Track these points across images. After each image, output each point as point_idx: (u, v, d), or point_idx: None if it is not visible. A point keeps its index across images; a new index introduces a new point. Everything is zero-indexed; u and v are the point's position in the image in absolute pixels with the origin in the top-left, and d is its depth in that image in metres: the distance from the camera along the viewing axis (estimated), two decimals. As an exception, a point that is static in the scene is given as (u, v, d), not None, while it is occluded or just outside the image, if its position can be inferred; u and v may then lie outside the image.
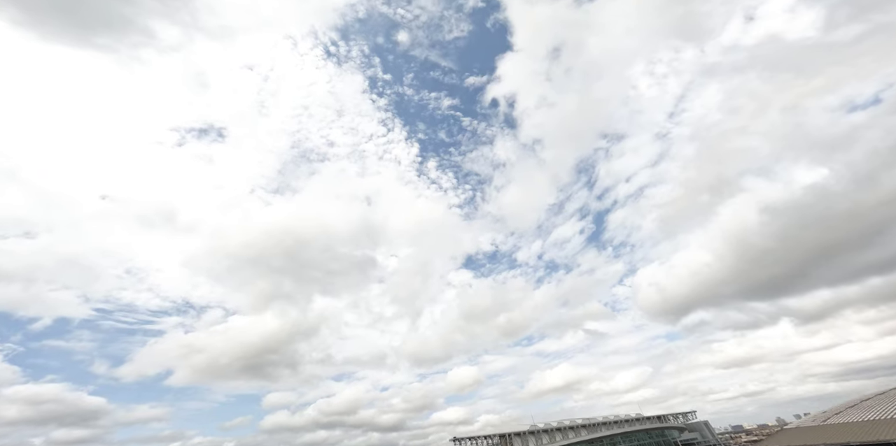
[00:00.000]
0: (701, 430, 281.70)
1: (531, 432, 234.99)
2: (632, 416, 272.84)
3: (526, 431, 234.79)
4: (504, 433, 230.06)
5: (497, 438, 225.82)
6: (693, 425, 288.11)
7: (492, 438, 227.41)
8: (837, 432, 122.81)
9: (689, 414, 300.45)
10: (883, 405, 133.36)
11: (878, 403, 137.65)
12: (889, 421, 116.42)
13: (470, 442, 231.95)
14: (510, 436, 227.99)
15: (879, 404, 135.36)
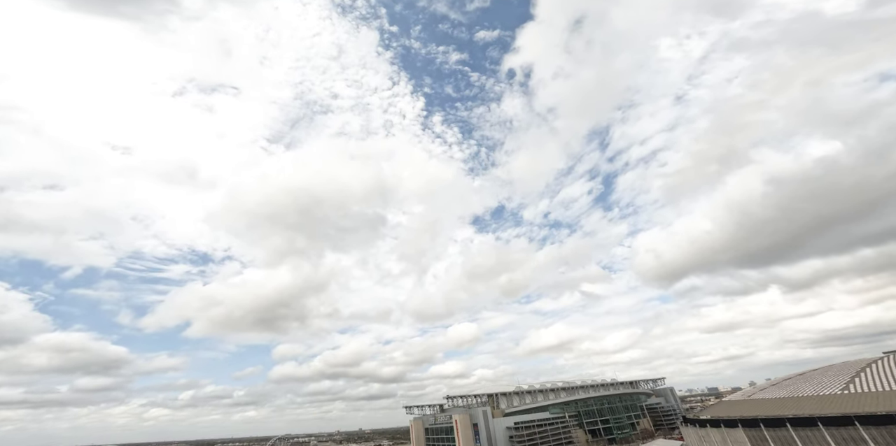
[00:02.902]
0: (666, 396, 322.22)
1: (516, 392, 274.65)
2: (607, 381, 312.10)
3: (511, 392, 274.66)
4: (492, 393, 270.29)
5: (485, 397, 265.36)
6: (660, 391, 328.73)
7: (481, 397, 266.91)
8: (753, 406, 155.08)
9: (659, 381, 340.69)
10: (800, 384, 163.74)
11: (796, 382, 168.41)
12: (795, 399, 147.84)
13: (461, 400, 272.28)
14: (497, 396, 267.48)
15: (798, 383, 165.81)
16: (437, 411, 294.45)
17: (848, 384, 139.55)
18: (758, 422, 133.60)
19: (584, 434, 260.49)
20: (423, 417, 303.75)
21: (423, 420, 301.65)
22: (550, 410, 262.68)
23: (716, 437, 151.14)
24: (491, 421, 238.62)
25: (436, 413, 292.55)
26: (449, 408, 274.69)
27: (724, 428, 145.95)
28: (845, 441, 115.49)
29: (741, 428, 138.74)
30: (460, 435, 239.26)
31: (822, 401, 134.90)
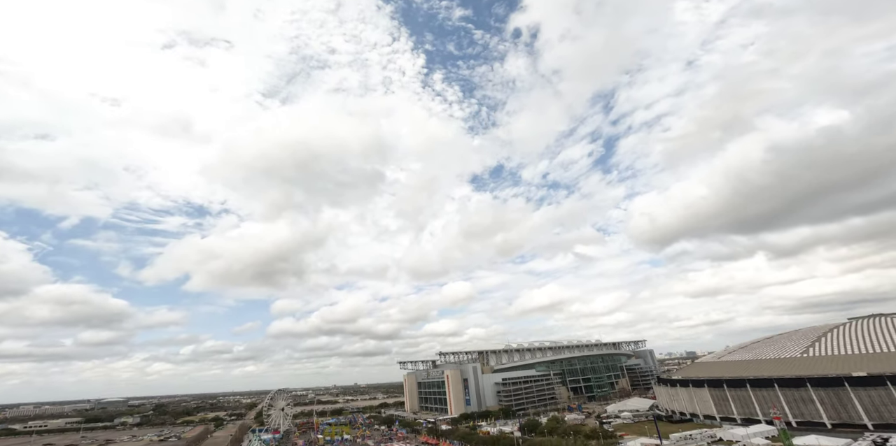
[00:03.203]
0: (645, 357, 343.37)
1: (505, 350, 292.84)
2: (592, 342, 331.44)
3: (501, 350, 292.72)
4: (482, 350, 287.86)
5: (476, 354, 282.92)
6: (640, 353, 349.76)
7: (471, 353, 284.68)
8: (721, 368, 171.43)
9: (640, 343, 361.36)
10: (765, 347, 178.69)
11: (763, 345, 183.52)
12: (757, 362, 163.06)
13: (453, 356, 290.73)
14: (487, 353, 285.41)
15: (764, 346, 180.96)
16: (429, 367, 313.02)
17: (808, 348, 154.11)
18: (721, 383, 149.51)
19: (566, 391, 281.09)
20: (416, 372, 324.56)
21: (416, 375, 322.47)
22: (536, 368, 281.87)
23: (684, 396, 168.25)
24: (480, 377, 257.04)
25: (428, 368, 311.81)
26: (441, 364, 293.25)
27: (692, 388, 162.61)
28: (796, 401, 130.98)
29: (707, 387, 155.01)
30: (451, 390, 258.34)
31: (781, 364, 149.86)
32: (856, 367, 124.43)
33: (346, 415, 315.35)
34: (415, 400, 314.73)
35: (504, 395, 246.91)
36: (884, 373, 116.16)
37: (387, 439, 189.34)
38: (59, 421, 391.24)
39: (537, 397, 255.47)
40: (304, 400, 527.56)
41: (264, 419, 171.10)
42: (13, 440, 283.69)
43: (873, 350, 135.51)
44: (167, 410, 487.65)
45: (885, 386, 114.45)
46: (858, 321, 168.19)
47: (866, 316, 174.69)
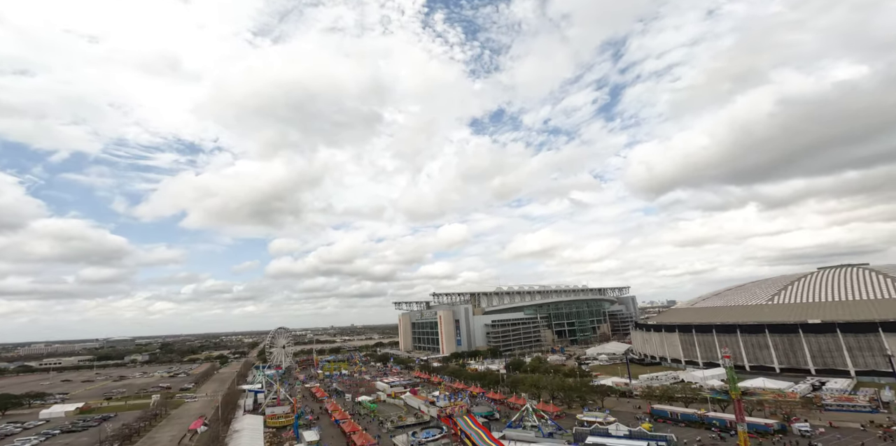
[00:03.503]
0: (627, 304, 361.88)
1: (496, 293, 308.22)
2: (578, 287, 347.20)
3: (492, 292, 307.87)
4: (474, 292, 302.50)
5: (468, 296, 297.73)
6: (623, 299, 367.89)
7: (464, 295, 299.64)
8: (693, 314, 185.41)
9: (624, 289, 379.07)
10: (737, 294, 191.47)
11: (735, 292, 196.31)
12: (726, 308, 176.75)
13: (446, 297, 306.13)
14: (478, 295, 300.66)
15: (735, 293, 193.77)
16: (423, 308, 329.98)
17: (774, 296, 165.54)
18: (690, 328, 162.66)
19: (551, 334, 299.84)
20: (410, 313, 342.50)
21: (410, 315, 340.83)
22: (525, 311, 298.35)
23: (656, 340, 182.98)
24: (471, 318, 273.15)
25: (422, 309, 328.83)
26: (435, 306, 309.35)
27: (664, 333, 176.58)
28: (754, 347, 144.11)
29: (677, 333, 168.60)
30: (443, 330, 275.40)
31: (746, 311, 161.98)
32: (813, 315, 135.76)
33: (343, 354, 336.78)
34: (408, 340, 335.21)
35: (493, 336, 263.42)
36: (836, 321, 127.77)
37: (382, 374, 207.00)
38: (72, 358, 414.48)
39: (524, 339, 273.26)
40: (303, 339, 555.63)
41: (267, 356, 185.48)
42: (32, 377, 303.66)
43: (834, 298, 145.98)
44: (173, 349, 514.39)
45: (834, 334, 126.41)
46: (827, 271, 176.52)
47: (836, 266, 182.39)
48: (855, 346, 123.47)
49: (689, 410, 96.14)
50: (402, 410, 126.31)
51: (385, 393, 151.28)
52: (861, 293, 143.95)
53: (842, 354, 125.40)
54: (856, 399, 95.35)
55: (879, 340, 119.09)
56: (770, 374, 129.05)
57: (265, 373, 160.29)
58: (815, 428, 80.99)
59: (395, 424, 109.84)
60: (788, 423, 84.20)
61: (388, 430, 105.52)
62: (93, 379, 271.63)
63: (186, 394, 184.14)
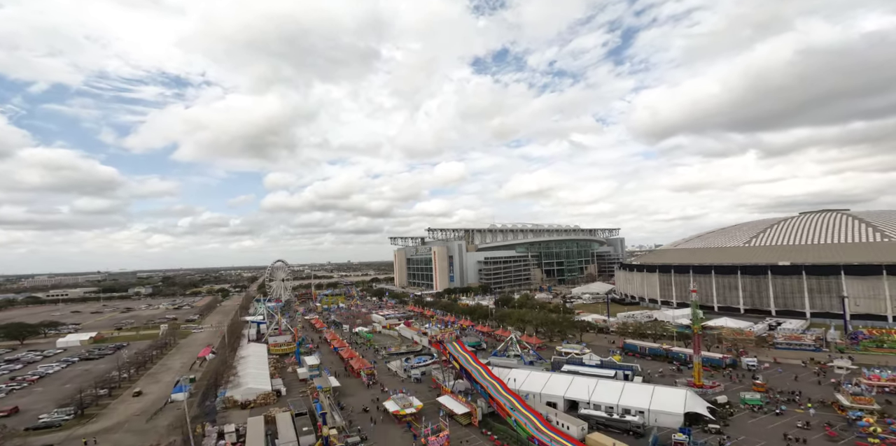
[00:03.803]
0: (615, 246, 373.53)
1: (489, 230, 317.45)
2: (570, 227, 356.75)
3: (486, 229, 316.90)
4: (469, 228, 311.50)
5: (463, 232, 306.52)
6: (612, 240, 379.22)
7: (458, 231, 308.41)
8: (675, 255, 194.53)
9: (614, 231, 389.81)
10: (718, 236, 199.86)
11: (716, 235, 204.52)
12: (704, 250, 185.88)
13: (441, 233, 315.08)
14: (472, 232, 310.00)
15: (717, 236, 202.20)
16: (418, 243, 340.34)
17: (752, 238, 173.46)
18: (669, 269, 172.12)
19: (540, 273, 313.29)
20: (405, 249, 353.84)
21: (405, 251, 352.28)
22: (517, 249, 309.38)
23: (636, 279, 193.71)
24: (465, 254, 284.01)
25: (417, 245, 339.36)
26: (429, 241, 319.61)
27: (646, 273, 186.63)
28: (725, 288, 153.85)
29: (658, 273, 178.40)
30: (437, 266, 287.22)
31: (723, 253, 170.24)
32: (784, 258, 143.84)
33: (340, 288, 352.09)
34: (403, 276, 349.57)
35: (485, 273, 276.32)
36: (803, 263, 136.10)
37: (377, 308, 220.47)
38: (77, 290, 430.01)
39: (514, 277, 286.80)
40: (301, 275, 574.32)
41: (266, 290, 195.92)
42: (41, 308, 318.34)
43: (808, 242, 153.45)
44: (175, 282, 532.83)
45: (799, 275, 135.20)
46: (808, 216, 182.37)
47: (817, 211, 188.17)
48: (816, 288, 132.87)
49: (655, 345, 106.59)
50: (397, 340, 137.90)
51: (380, 324, 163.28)
52: (835, 237, 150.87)
53: (802, 296, 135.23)
54: (803, 338, 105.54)
55: (839, 282, 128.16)
56: (735, 315, 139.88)
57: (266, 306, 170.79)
58: (761, 363, 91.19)
59: (389, 352, 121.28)
60: (739, 358, 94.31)
61: (383, 357, 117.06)
62: (101, 311, 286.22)
63: (192, 325, 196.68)
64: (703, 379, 78.80)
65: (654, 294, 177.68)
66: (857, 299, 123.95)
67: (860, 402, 65.60)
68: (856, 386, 70.90)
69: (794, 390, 76.23)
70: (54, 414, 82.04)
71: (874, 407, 64.61)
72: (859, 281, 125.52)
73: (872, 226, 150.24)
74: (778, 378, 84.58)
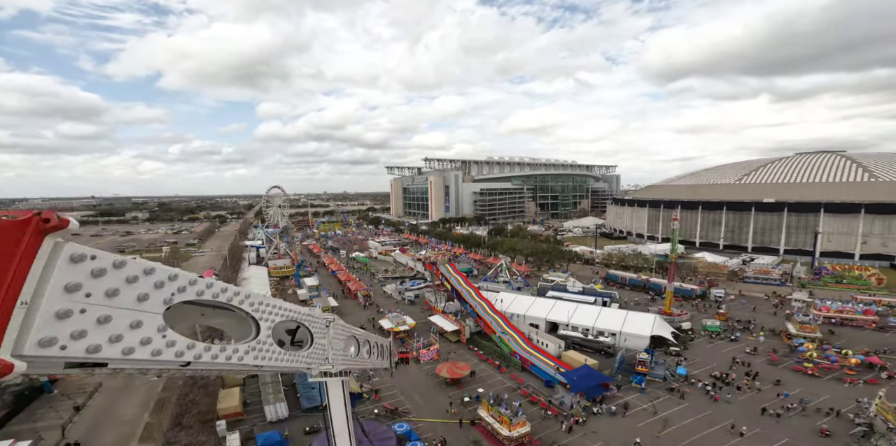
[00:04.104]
0: (611, 182, 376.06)
1: (486, 162, 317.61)
2: (567, 162, 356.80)
3: (483, 161, 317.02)
4: (465, 159, 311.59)
5: (459, 163, 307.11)
6: (608, 177, 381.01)
7: (455, 162, 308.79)
8: (667, 191, 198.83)
9: (610, 168, 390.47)
10: (711, 174, 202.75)
11: (710, 172, 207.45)
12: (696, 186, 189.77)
13: (438, 163, 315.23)
14: (469, 163, 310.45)
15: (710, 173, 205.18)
16: (415, 173, 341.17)
17: (743, 176, 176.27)
18: (659, 204, 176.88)
19: (534, 206, 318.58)
20: (402, 178, 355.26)
21: (401, 180, 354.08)
22: (513, 182, 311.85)
23: (626, 214, 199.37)
24: (461, 185, 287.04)
25: (414, 175, 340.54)
26: (426, 171, 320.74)
27: (636, 208, 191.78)
28: (709, 224, 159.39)
29: (647, 208, 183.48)
30: (433, 196, 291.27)
31: (714, 189, 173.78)
32: (769, 195, 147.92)
33: (337, 216, 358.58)
34: (399, 206, 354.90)
35: (480, 204, 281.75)
36: (786, 201, 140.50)
37: (374, 235, 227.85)
38: (74, 213, 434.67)
39: (509, 209, 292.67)
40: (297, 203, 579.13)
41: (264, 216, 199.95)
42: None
43: (796, 181, 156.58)
44: (171, 208, 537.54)
45: (780, 212, 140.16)
46: (804, 156, 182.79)
47: (813, 152, 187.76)
48: (794, 225, 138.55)
49: (635, 276, 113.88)
50: (392, 265, 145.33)
51: (376, 250, 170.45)
52: (824, 177, 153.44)
53: (779, 233, 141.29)
54: (771, 272, 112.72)
55: (817, 220, 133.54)
56: (714, 250, 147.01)
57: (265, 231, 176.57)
58: (727, 294, 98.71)
59: (385, 276, 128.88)
60: (708, 290, 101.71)
61: (379, 280, 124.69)
62: (100, 234, 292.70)
63: (193, 249, 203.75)
64: (672, 307, 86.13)
65: (642, 228, 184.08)
66: (831, 235, 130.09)
67: (805, 330, 72.94)
68: (805, 315, 77.91)
69: (750, 319, 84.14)
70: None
71: (817, 335, 72.03)
72: (836, 218, 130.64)
73: (863, 166, 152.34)
74: (740, 308, 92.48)
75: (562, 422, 50.84)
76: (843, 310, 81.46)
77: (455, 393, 59.23)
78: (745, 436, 47.10)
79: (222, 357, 6.87)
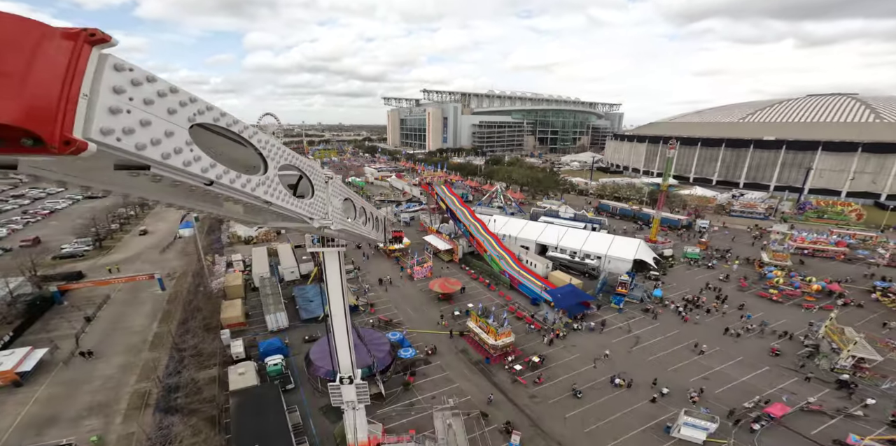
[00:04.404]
0: (613, 120, 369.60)
1: (487, 95, 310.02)
2: (571, 99, 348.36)
3: (483, 94, 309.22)
4: (466, 92, 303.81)
5: (459, 95, 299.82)
6: (611, 115, 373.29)
7: (455, 94, 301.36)
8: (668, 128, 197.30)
9: (614, 106, 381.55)
10: (717, 113, 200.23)
11: (717, 111, 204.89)
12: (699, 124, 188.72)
13: (437, 95, 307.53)
14: (469, 96, 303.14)
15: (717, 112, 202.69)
16: (413, 105, 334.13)
17: (748, 115, 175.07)
18: (658, 139, 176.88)
19: (533, 140, 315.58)
20: (399, 109, 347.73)
21: (398, 111, 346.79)
22: (513, 115, 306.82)
23: (625, 148, 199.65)
24: (459, 117, 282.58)
25: (412, 106, 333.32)
26: (424, 103, 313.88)
27: (635, 143, 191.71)
28: (705, 160, 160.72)
29: (647, 143, 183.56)
30: (430, 126, 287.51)
31: (716, 127, 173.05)
32: (770, 133, 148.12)
33: (332, 145, 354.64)
34: (396, 136, 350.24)
35: (478, 137, 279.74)
36: (786, 139, 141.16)
37: (370, 162, 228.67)
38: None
39: (507, 142, 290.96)
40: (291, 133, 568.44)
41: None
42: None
43: (801, 120, 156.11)
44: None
45: (778, 150, 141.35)
46: (815, 98, 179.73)
47: (826, 94, 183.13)
48: (789, 162, 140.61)
49: (626, 206, 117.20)
50: (388, 190, 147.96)
51: (373, 176, 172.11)
52: (830, 117, 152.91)
53: (773, 170, 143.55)
54: (757, 206, 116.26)
55: (814, 158, 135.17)
56: (707, 186, 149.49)
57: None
58: (712, 226, 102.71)
59: (380, 199, 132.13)
60: (694, 221, 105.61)
61: (375, 204, 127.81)
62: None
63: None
64: (658, 236, 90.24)
65: (639, 163, 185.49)
66: (823, 171, 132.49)
67: (777, 258, 77.46)
68: (780, 244, 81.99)
69: (729, 249, 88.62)
70: (75, 244, 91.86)
71: (787, 264, 76.62)
72: (832, 156, 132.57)
73: (872, 108, 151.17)
74: (721, 239, 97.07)
75: (544, 336, 55.72)
76: (816, 242, 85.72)
77: (446, 308, 64.16)
78: (704, 354, 52.08)
79: (238, 183, 7.31)
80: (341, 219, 15.38)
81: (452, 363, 50.63)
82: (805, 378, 47.31)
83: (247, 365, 46.38)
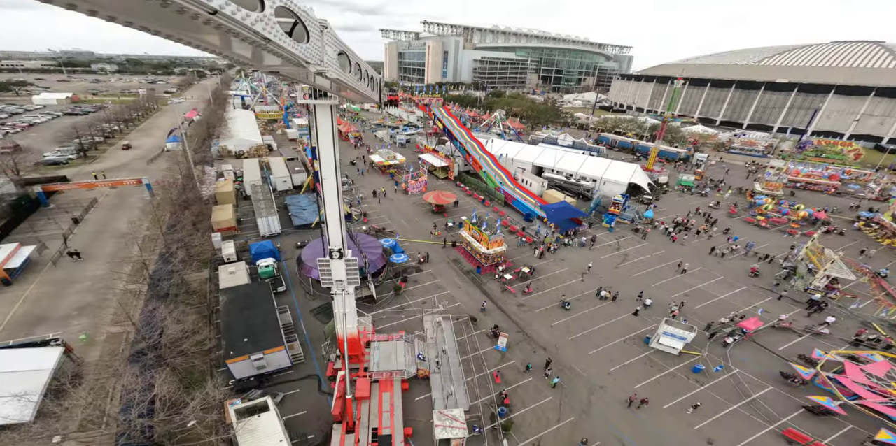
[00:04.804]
0: (622, 63, 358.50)
1: (491, 30, 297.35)
2: (579, 39, 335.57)
3: (487, 29, 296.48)
4: (468, 26, 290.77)
5: (461, 29, 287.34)
6: (620, 58, 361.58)
7: (457, 28, 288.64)
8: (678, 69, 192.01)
9: (625, 49, 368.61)
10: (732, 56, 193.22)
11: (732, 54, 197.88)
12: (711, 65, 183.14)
13: (438, 28, 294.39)
14: (472, 30, 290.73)
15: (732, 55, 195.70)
16: (412, 38, 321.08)
17: (765, 59, 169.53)
18: (666, 80, 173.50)
19: (536, 78, 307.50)
20: (397, 42, 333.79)
21: (397, 45, 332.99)
22: (517, 52, 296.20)
23: (631, 88, 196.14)
24: (461, 51, 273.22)
25: (411, 40, 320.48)
26: (424, 36, 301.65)
27: (643, 83, 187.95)
28: (713, 101, 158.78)
29: (654, 83, 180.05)
30: (430, 60, 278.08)
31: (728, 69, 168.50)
32: (786, 76, 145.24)
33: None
34: (394, 70, 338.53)
35: (479, 72, 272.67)
36: (800, 82, 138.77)
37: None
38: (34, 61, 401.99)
39: (509, 79, 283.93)
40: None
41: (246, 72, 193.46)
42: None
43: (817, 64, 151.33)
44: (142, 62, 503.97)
45: (789, 92, 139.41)
46: (839, 44, 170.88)
47: (851, 41, 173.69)
48: (798, 105, 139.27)
49: (625, 138, 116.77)
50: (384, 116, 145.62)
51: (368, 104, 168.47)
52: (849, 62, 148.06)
53: (779, 113, 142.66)
54: (757, 143, 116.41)
55: (825, 100, 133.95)
56: (710, 126, 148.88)
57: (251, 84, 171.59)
58: (709, 159, 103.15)
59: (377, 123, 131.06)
60: (692, 154, 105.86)
61: (371, 127, 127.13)
62: (68, 80, 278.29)
63: (171, 97, 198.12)
64: (654, 166, 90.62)
65: (643, 103, 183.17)
66: (832, 113, 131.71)
67: (769, 187, 78.73)
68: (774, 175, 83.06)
69: (722, 179, 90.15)
70: (57, 152, 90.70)
71: (778, 193, 78.10)
72: (843, 99, 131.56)
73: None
74: (717, 171, 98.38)
75: (535, 249, 57.13)
76: (810, 175, 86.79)
77: (439, 220, 65.36)
78: (687, 273, 53.82)
79: (239, 16, 7.44)
80: (337, 69, 15.34)
81: (444, 271, 52.06)
82: (778, 297, 49.24)
83: (238, 264, 47.15)
